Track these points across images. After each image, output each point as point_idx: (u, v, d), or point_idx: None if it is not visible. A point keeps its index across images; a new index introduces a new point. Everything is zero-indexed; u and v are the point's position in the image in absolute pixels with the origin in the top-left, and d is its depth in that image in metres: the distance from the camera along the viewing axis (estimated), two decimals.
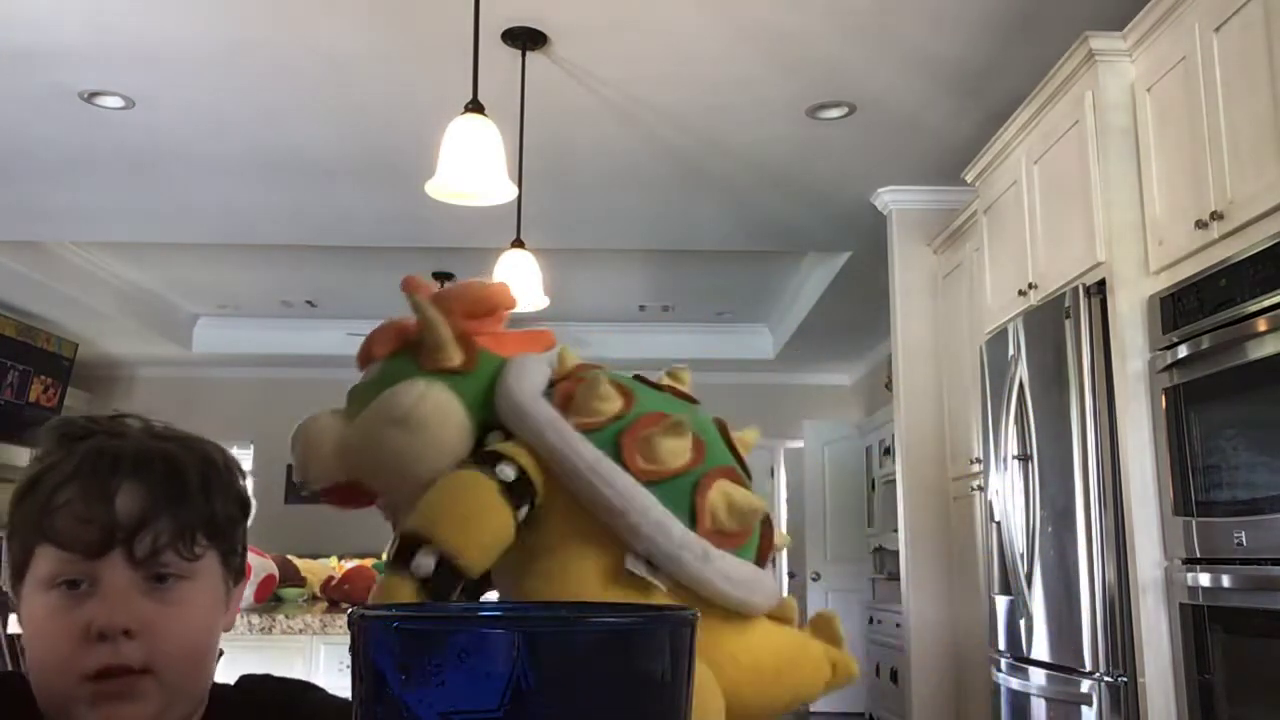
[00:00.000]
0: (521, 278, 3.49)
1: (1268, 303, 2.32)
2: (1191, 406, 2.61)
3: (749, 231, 5.53)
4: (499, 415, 0.92)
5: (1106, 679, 2.83)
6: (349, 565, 3.09)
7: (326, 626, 2.54)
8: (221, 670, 0.92)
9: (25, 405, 7.44)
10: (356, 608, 0.44)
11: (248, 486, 0.92)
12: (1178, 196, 2.73)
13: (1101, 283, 2.97)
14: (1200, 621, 2.56)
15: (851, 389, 9.34)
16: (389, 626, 0.43)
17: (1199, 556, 2.57)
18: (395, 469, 0.87)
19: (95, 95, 3.97)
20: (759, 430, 1.26)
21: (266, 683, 0.94)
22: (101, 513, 0.82)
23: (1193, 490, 2.60)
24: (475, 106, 2.77)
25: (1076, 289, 3.03)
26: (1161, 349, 2.73)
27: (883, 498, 7.29)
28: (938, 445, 4.75)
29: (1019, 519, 3.31)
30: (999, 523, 3.44)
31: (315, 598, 3.12)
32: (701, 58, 3.64)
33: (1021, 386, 3.33)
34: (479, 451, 0.90)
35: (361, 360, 1.02)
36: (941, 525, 4.69)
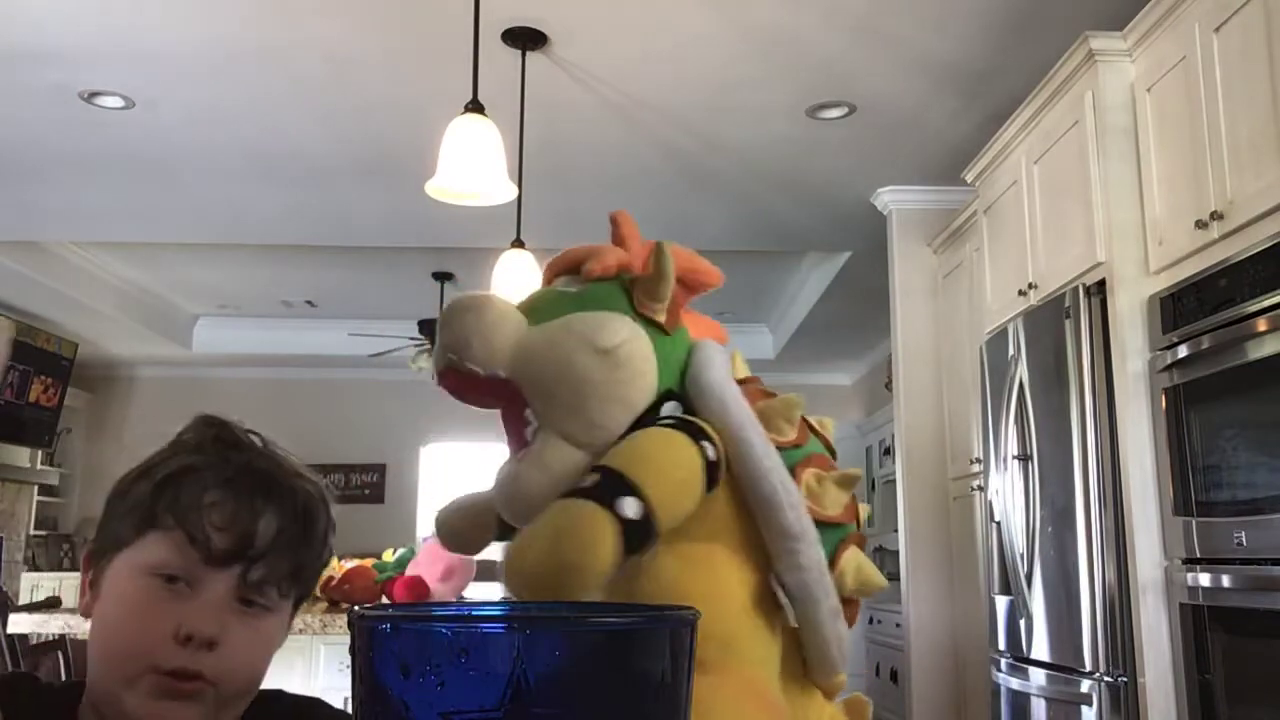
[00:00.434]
0: (521, 278, 3.49)
1: (1268, 303, 2.32)
2: (1191, 406, 2.61)
3: (749, 231, 5.53)
4: (690, 389, 0.88)
5: (1106, 679, 2.83)
6: (349, 565, 3.09)
7: (326, 626, 2.54)
8: None
9: (25, 405, 7.44)
10: (356, 608, 0.44)
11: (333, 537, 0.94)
12: (1178, 196, 2.73)
13: (1101, 283, 2.97)
14: (1200, 621, 2.56)
15: (851, 389, 9.34)
16: (389, 626, 0.43)
17: (1199, 556, 2.57)
18: (576, 394, 0.83)
19: (95, 95, 3.98)
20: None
21: (282, 698, 0.95)
22: (244, 527, 0.84)
23: (1193, 490, 2.60)
24: (475, 106, 2.77)
25: (1076, 289, 3.03)
26: (1161, 349, 2.73)
27: (883, 498, 7.29)
28: (938, 445, 4.75)
29: (1019, 519, 3.31)
30: (999, 523, 3.44)
31: (315, 598, 3.12)
32: (701, 58, 3.64)
33: (1021, 386, 3.33)
34: (681, 419, 0.86)
35: (558, 269, 0.97)
36: (941, 525, 4.69)
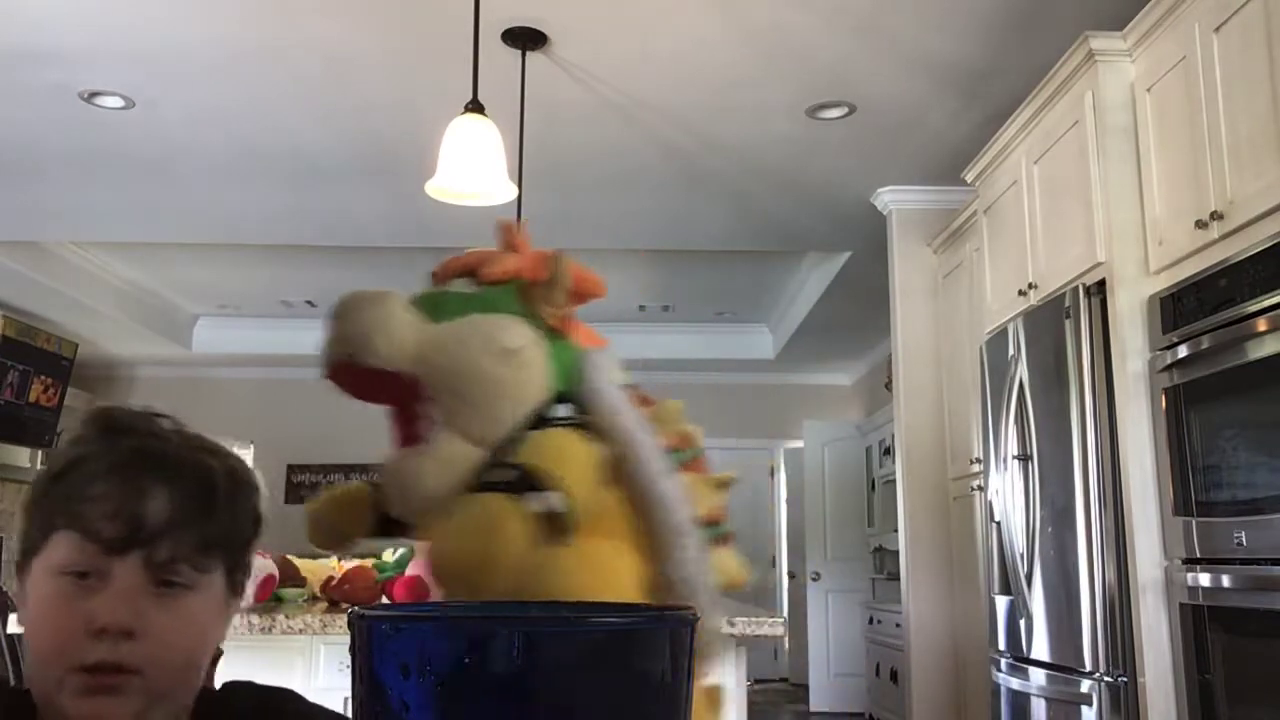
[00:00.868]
0: None
1: (1268, 303, 2.32)
2: (1191, 406, 2.61)
3: (749, 231, 5.53)
4: (582, 394, 0.92)
5: (1106, 679, 2.83)
6: (349, 565, 3.09)
7: (326, 626, 2.54)
8: (221, 670, 0.92)
9: (25, 405, 7.44)
10: (356, 608, 0.44)
11: (263, 504, 0.93)
12: (1178, 196, 2.73)
13: (1101, 283, 2.97)
14: (1200, 621, 2.56)
15: (851, 389, 9.34)
16: (389, 627, 0.43)
17: (1199, 556, 2.57)
18: (482, 392, 0.85)
19: (95, 95, 3.97)
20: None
21: (250, 689, 0.94)
22: (131, 512, 0.83)
23: (1193, 490, 2.60)
24: (475, 106, 2.77)
25: (1076, 289, 3.03)
26: (1161, 349, 2.73)
27: (883, 498, 7.29)
28: (938, 445, 4.75)
29: (1019, 519, 3.31)
30: (999, 523, 3.44)
31: (315, 598, 3.12)
32: (701, 58, 3.64)
33: (1021, 386, 3.33)
34: (580, 420, 0.89)
35: (451, 271, 0.99)
36: (941, 525, 4.69)
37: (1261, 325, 2.32)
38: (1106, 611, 2.86)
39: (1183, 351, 2.61)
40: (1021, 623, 3.26)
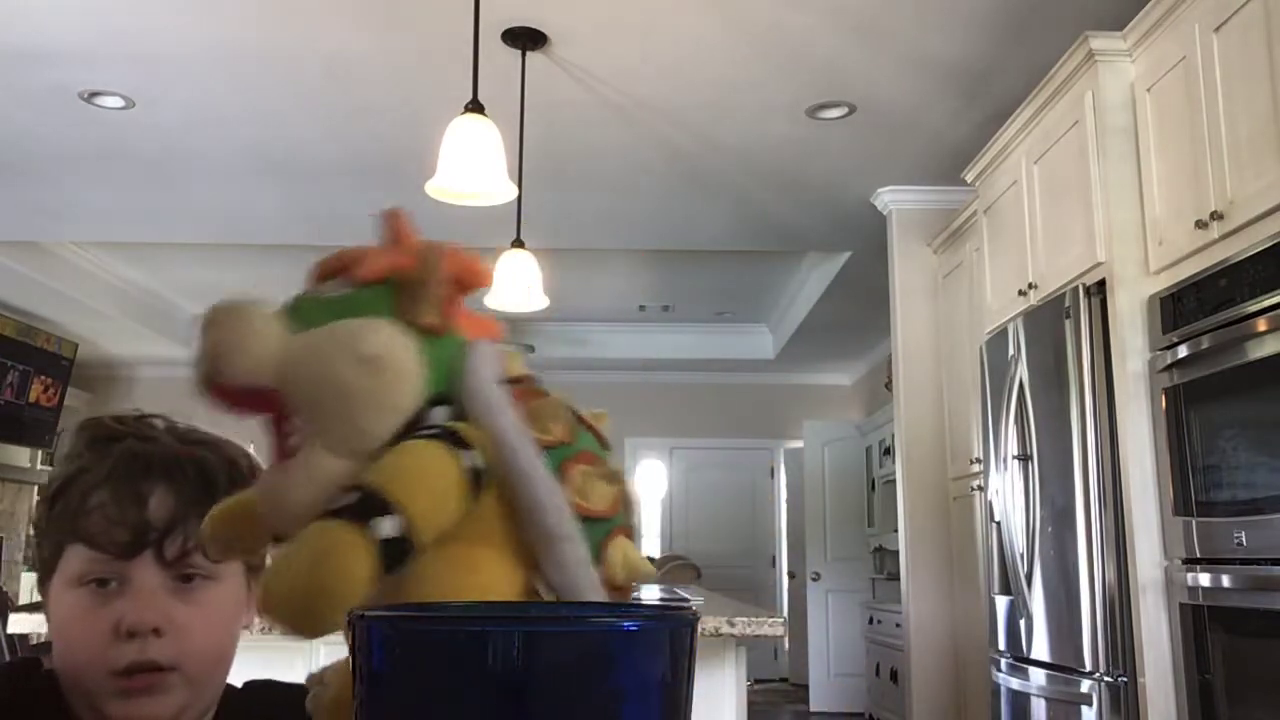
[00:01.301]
0: (521, 278, 3.49)
1: (1268, 303, 2.32)
2: (1191, 406, 2.61)
3: (749, 231, 5.53)
4: (460, 394, 0.89)
5: (1106, 679, 2.83)
6: None
7: None
8: None
9: (25, 405, 7.44)
10: (356, 608, 0.44)
11: None
12: (1178, 196, 2.73)
13: (1101, 283, 2.97)
14: (1200, 621, 2.56)
15: (851, 389, 9.34)
16: (389, 626, 0.43)
17: (1199, 556, 2.57)
18: (340, 403, 0.82)
19: (95, 95, 3.97)
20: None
21: (274, 686, 0.96)
22: (134, 515, 0.84)
23: (1193, 490, 2.60)
24: (475, 106, 2.77)
25: (1076, 289, 3.03)
26: (1161, 349, 2.73)
27: (883, 498, 7.29)
28: (938, 445, 4.75)
29: (1019, 519, 3.31)
30: (999, 523, 3.44)
31: None
32: (701, 58, 3.64)
33: (1021, 386, 3.33)
34: (445, 428, 0.87)
35: (325, 271, 0.96)
36: (941, 525, 4.69)
37: (1261, 325, 2.32)
38: (1106, 611, 2.86)
39: (1183, 351, 2.61)
40: (1021, 623, 3.26)
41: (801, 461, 8.35)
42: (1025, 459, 3.28)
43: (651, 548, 9.32)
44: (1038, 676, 3.19)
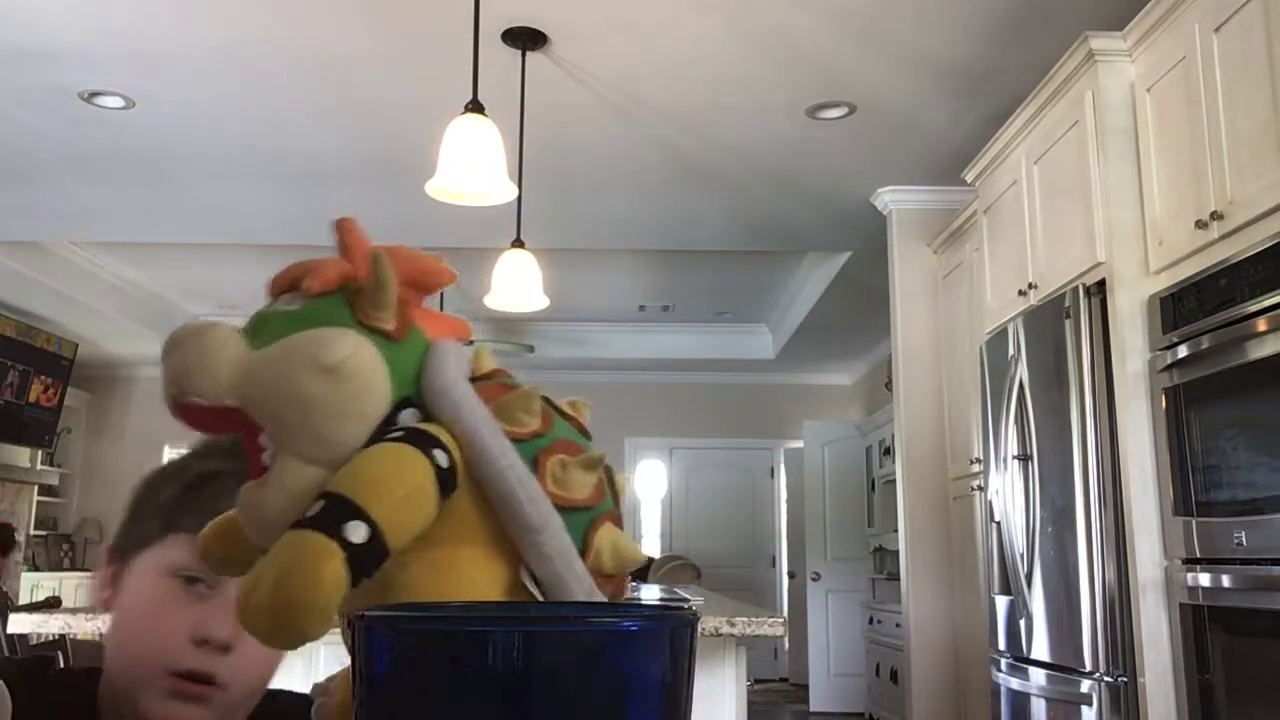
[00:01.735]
0: (521, 278, 3.49)
1: (1268, 303, 2.32)
2: (1191, 406, 2.61)
3: (749, 231, 5.53)
4: (425, 395, 0.88)
5: (1106, 679, 2.83)
6: None
7: None
8: None
9: (25, 405, 7.44)
10: (355, 611, 0.44)
11: None
12: (1178, 196, 2.73)
13: (1101, 283, 2.97)
14: (1200, 621, 2.56)
15: (851, 389, 9.34)
16: (389, 627, 0.43)
17: (1199, 556, 2.57)
18: (304, 414, 0.82)
19: (95, 95, 3.98)
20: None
21: (279, 696, 0.96)
22: None
23: (1193, 490, 2.60)
24: (475, 106, 2.77)
25: (1076, 289, 3.03)
26: (1161, 349, 2.73)
27: (883, 498, 7.29)
28: (938, 445, 4.75)
29: (1019, 519, 3.31)
30: (999, 523, 3.44)
31: None
32: (701, 58, 3.64)
33: (1021, 386, 3.33)
34: (411, 429, 0.86)
35: (280, 286, 0.96)
36: (941, 525, 4.69)
37: (1261, 325, 2.32)
38: (1106, 611, 2.86)
39: (1183, 351, 2.62)
40: (1021, 623, 3.26)
41: (801, 461, 8.35)
42: (1025, 459, 3.28)
43: (651, 548, 9.32)
44: (1038, 676, 3.19)
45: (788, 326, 7.73)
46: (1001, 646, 3.46)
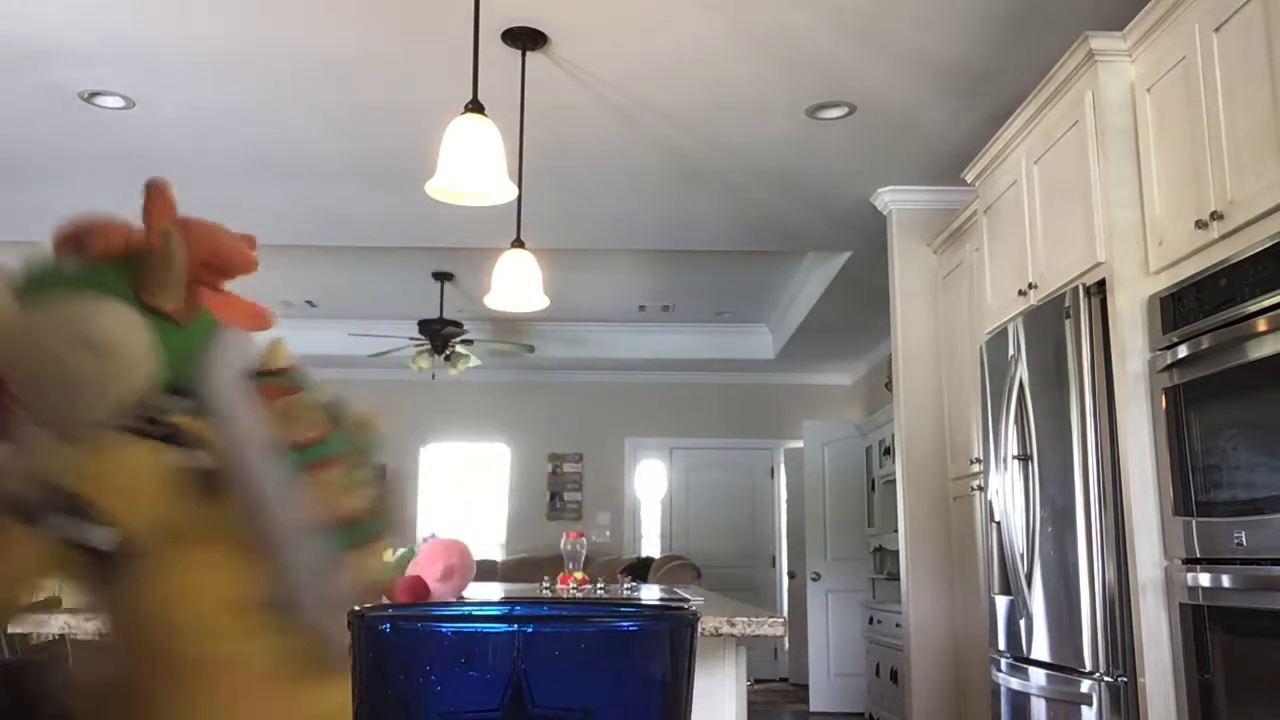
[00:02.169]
0: (521, 278, 3.49)
1: (1268, 303, 2.32)
2: (1191, 406, 2.61)
3: (749, 231, 5.53)
4: (197, 385, 0.82)
5: (1106, 679, 2.83)
6: None
7: None
8: None
9: None
10: (357, 608, 0.44)
11: None
12: (1178, 196, 2.73)
13: (1101, 283, 2.97)
14: (1200, 621, 2.56)
15: (851, 389, 9.34)
16: (389, 626, 0.43)
17: (1199, 556, 2.57)
18: (60, 387, 0.77)
19: (95, 95, 3.98)
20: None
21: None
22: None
23: (1193, 490, 2.60)
24: (475, 106, 2.77)
25: (1076, 289, 3.03)
26: (1161, 349, 2.73)
27: (883, 498, 7.29)
28: (938, 445, 4.75)
29: (1019, 519, 3.31)
30: (999, 523, 3.44)
31: None
32: (701, 58, 3.64)
33: (1021, 386, 3.33)
34: (173, 429, 0.80)
35: (65, 245, 0.90)
36: (941, 525, 4.69)
37: (1261, 325, 2.32)
38: (1106, 611, 2.86)
39: (1183, 351, 2.62)
40: (1021, 623, 3.26)
41: (801, 461, 8.35)
42: (1025, 459, 3.28)
43: (652, 548, 9.32)
44: (1038, 676, 3.19)
45: (788, 326, 7.73)
46: (1001, 646, 3.46)
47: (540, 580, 3.54)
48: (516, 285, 3.48)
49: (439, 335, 7.15)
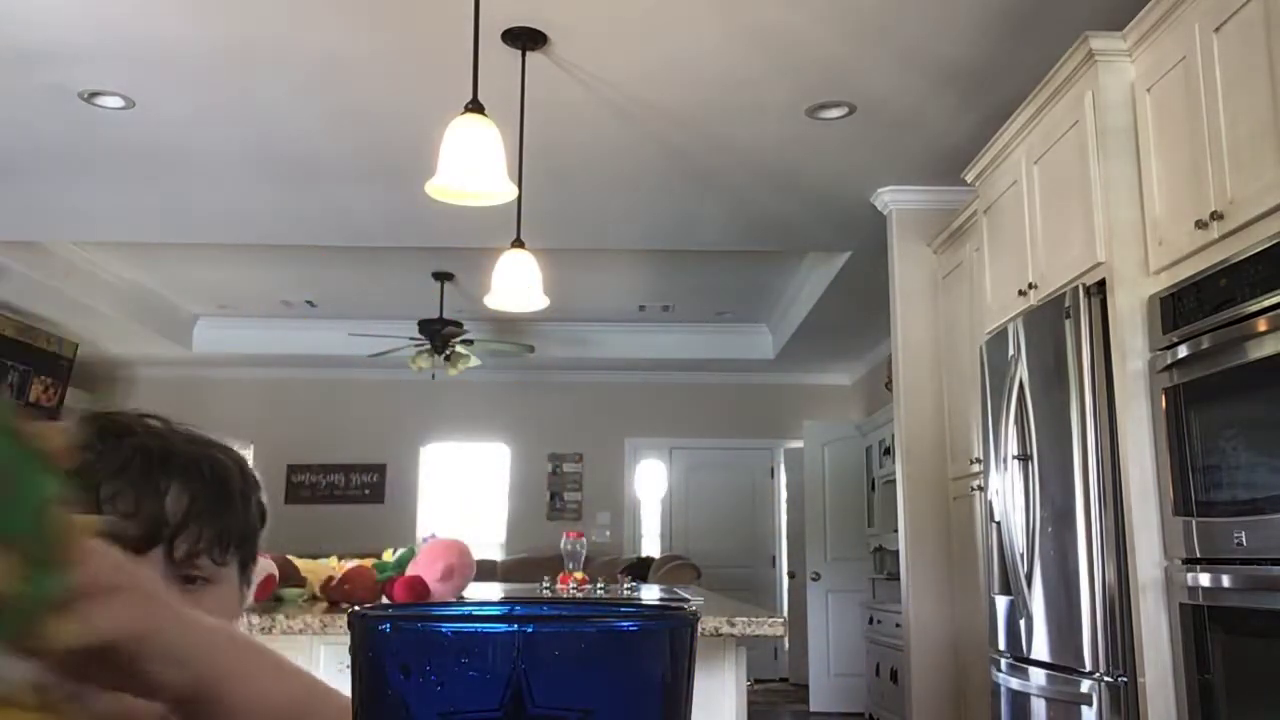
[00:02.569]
0: (521, 278, 3.49)
1: (1268, 303, 2.32)
2: (1191, 406, 2.61)
3: (749, 231, 5.53)
4: None
5: (1106, 679, 2.83)
6: (349, 565, 3.09)
7: (326, 627, 2.54)
8: None
9: (25, 405, 7.43)
10: (356, 608, 0.44)
11: (264, 497, 0.92)
12: (1178, 196, 2.73)
13: (1101, 283, 2.97)
14: (1200, 621, 2.56)
15: (851, 389, 9.34)
16: (389, 626, 0.43)
17: (1199, 556, 2.57)
18: None
19: (95, 95, 3.98)
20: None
21: None
22: (150, 510, 0.82)
23: (1193, 490, 2.60)
24: (475, 106, 2.77)
25: (1076, 289, 3.03)
26: (1161, 349, 2.73)
27: (883, 498, 7.29)
28: (938, 445, 4.75)
29: (1019, 519, 3.31)
30: (999, 523, 3.44)
31: (315, 598, 3.12)
32: (701, 58, 3.64)
33: (1021, 386, 3.33)
34: None
35: None
36: (941, 525, 4.69)
37: (1261, 325, 2.32)
38: (1106, 611, 2.86)
39: (1183, 351, 2.62)
40: (1021, 623, 3.26)
41: (801, 461, 8.35)
42: (1025, 459, 3.28)
43: (651, 548, 9.32)
44: (1038, 676, 3.19)
45: (788, 326, 7.73)
46: (1001, 646, 3.46)
47: (540, 580, 3.54)
48: (516, 285, 3.48)
49: (439, 335, 7.15)
